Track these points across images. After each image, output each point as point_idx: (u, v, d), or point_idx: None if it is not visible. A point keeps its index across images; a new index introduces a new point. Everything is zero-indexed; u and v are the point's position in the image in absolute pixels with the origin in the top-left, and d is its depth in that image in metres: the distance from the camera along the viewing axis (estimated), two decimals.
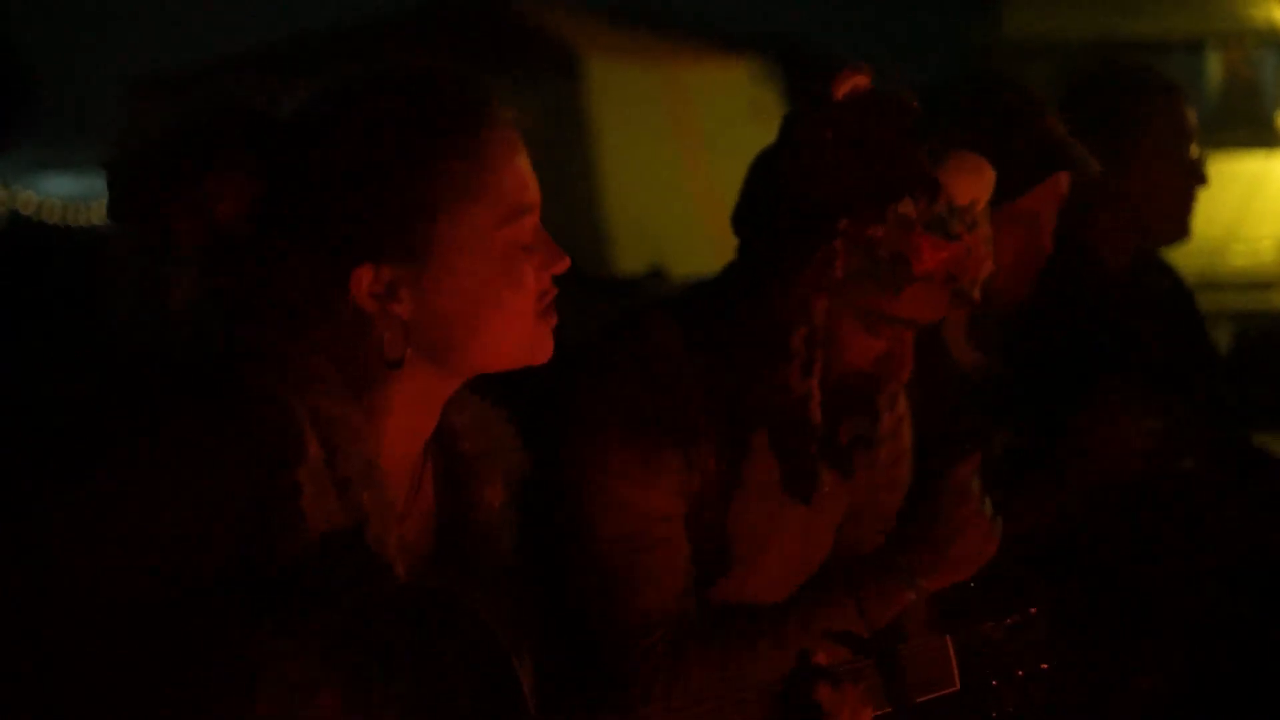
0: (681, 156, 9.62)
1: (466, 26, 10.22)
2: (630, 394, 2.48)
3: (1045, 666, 2.34)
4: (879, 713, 2.22)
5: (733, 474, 2.55)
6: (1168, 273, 4.11)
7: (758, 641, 2.47)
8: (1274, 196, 11.08)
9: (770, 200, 2.49)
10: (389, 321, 2.03)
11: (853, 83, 2.48)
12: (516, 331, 2.09)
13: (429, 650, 1.91)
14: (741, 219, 2.56)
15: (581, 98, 9.78)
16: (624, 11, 12.72)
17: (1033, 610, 2.36)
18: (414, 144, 2.03)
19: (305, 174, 2.03)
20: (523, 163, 2.09)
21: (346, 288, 2.02)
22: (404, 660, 1.89)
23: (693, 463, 2.50)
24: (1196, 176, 3.83)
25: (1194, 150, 3.83)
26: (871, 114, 2.46)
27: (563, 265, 2.10)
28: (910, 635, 2.36)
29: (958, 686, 2.28)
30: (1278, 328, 10.63)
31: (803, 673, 2.23)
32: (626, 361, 2.51)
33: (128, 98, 10.90)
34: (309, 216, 2.02)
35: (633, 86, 10.02)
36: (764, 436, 2.56)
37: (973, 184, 2.47)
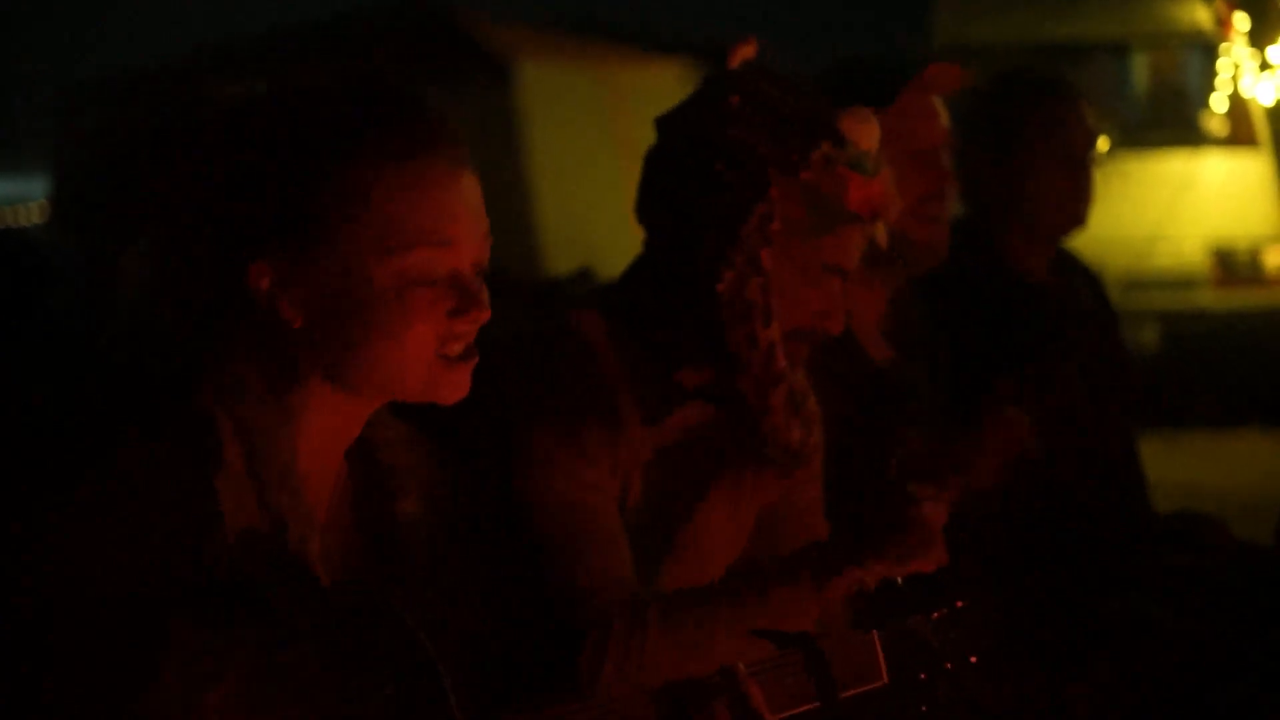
0: (614, 159, 9.66)
1: (399, 32, 10.23)
2: (559, 380, 2.57)
3: (974, 660, 2.38)
4: (805, 708, 2.24)
5: (662, 463, 2.64)
6: (1088, 278, 4.19)
7: (719, 611, 2.52)
8: (1200, 196, 11.15)
9: (690, 176, 2.59)
10: (285, 319, 2.05)
11: (743, 53, 2.66)
12: (411, 367, 2.06)
13: (347, 649, 1.93)
14: (652, 207, 2.67)
15: (513, 102, 9.79)
16: (556, 17, 12.76)
17: (959, 604, 2.40)
18: (322, 144, 2.03)
19: (216, 170, 2.05)
20: (451, 198, 2.06)
21: (246, 280, 2.04)
22: (319, 657, 1.91)
23: (620, 445, 2.58)
24: (1085, 174, 3.96)
25: (1085, 150, 3.94)
26: (767, 76, 2.63)
27: (480, 317, 2.07)
28: (836, 631, 2.39)
29: (885, 680, 2.31)
30: (1204, 327, 10.76)
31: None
32: (554, 353, 2.60)
33: (61, 102, 10.86)
34: (215, 213, 2.04)
35: (565, 91, 10.05)
36: (691, 422, 2.65)
37: (868, 131, 2.70)
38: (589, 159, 9.62)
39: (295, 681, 1.89)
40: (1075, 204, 3.96)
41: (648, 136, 2.70)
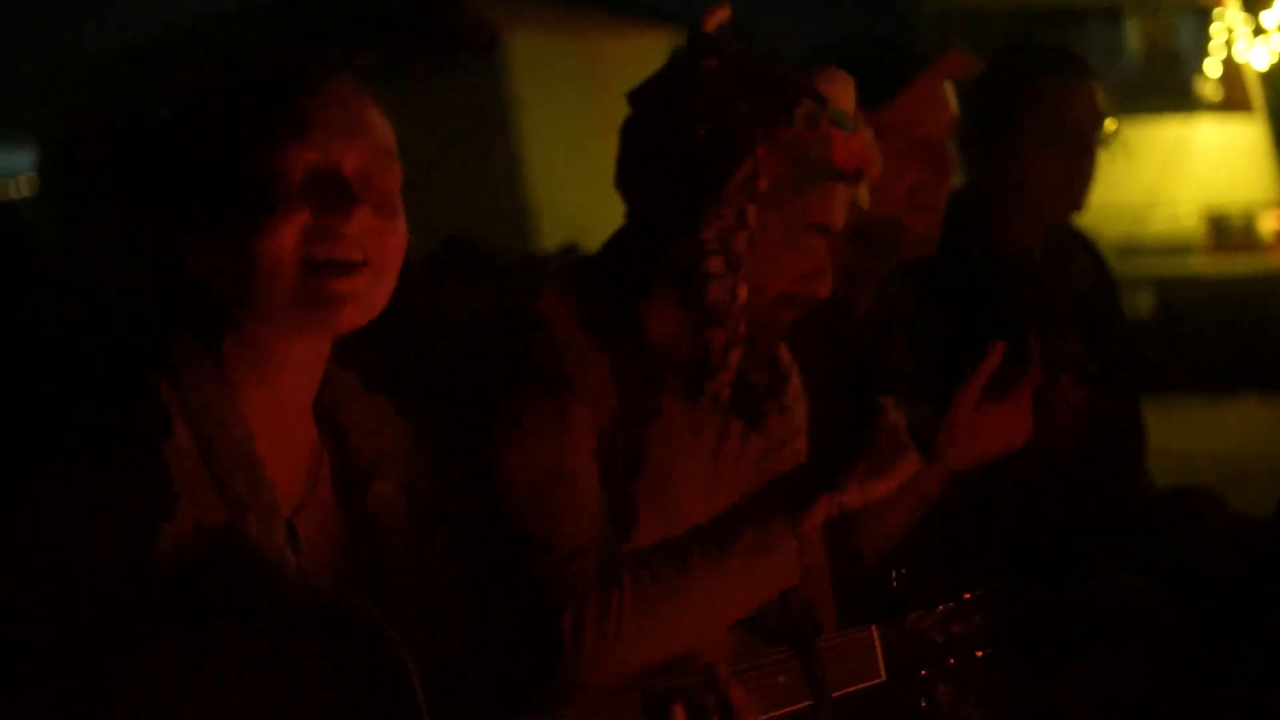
0: (605, 131, 9.56)
1: (387, 3, 10.16)
2: (532, 351, 2.54)
3: (980, 654, 2.36)
4: (798, 705, 2.20)
5: (636, 435, 2.60)
6: (1086, 247, 4.12)
7: (692, 559, 2.48)
8: (1194, 162, 11.12)
9: (670, 142, 2.56)
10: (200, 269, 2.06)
11: (718, 17, 2.62)
12: (278, 266, 2.04)
13: (308, 647, 1.89)
14: (632, 178, 2.64)
15: (502, 73, 9.72)
16: None
17: (966, 596, 2.37)
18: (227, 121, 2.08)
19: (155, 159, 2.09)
20: (309, 101, 2.08)
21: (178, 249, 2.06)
22: (289, 665, 1.87)
23: (592, 418, 2.55)
24: (1085, 158, 3.85)
25: (1090, 133, 3.85)
26: (742, 39, 2.60)
27: (345, 214, 2.05)
28: (833, 626, 2.35)
29: (883, 678, 2.28)
30: (1198, 292, 10.73)
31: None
32: (524, 325, 2.56)
33: (46, 77, 10.79)
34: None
35: (555, 61, 9.97)
36: (670, 395, 2.61)
37: (845, 91, 2.71)
38: (580, 130, 9.53)
39: (245, 680, 1.86)
40: (1074, 189, 3.86)
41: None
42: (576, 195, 9.11)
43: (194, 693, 1.83)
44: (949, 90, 3.27)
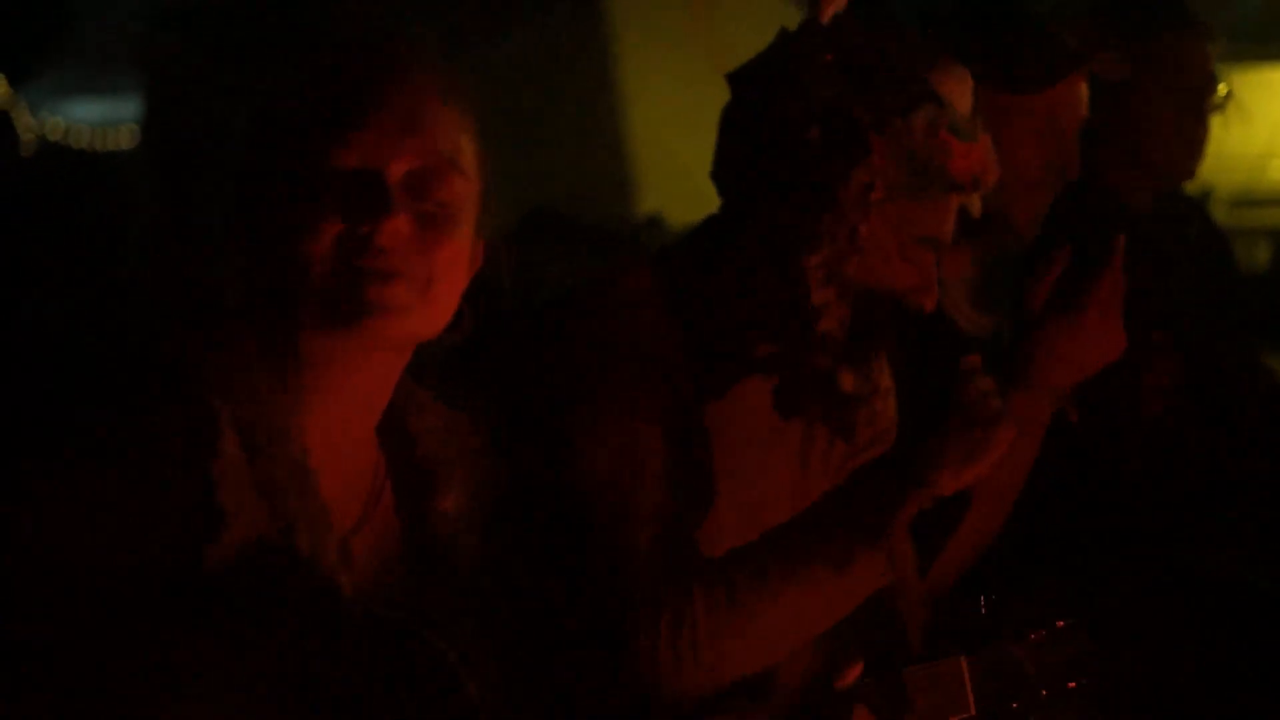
0: (713, 82, 9.46)
1: None
2: (613, 341, 2.43)
3: (1073, 685, 2.26)
4: None
5: (721, 434, 2.49)
6: (1198, 212, 4.02)
7: (769, 566, 2.37)
8: None
9: (777, 141, 2.43)
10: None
11: (835, 4, 2.45)
12: (314, 268, 1.95)
13: (368, 676, 1.85)
14: (732, 171, 2.50)
15: (604, 24, 9.62)
16: None
17: (1060, 624, 2.28)
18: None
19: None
20: (354, 91, 1.99)
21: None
22: (336, 686, 1.84)
23: (676, 414, 2.44)
24: (1201, 120, 3.74)
25: (1203, 92, 3.73)
26: (862, 31, 2.45)
27: (375, 224, 1.95)
28: (921, 656, 2.25)
29: (972, 712, 2.19)
30: None
31: (817, 697, 2.15)
32: (606, 312, 2.46)
33: (149, 21, 10.80)
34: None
35: (660, 11, 9.87)
36: (755, 390, 2.50)
37: (965, 92, 2.49)
38: (686, 82, 9.43)
39: (290, 698, 1.83)
40: (1189, 152, 3.76)
41: (746, 57, 2.53)
42: (682, 151, 9.02)
43: (239, 712, 1.80)
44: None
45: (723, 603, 2.34)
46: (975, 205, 2.53)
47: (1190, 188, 4.03)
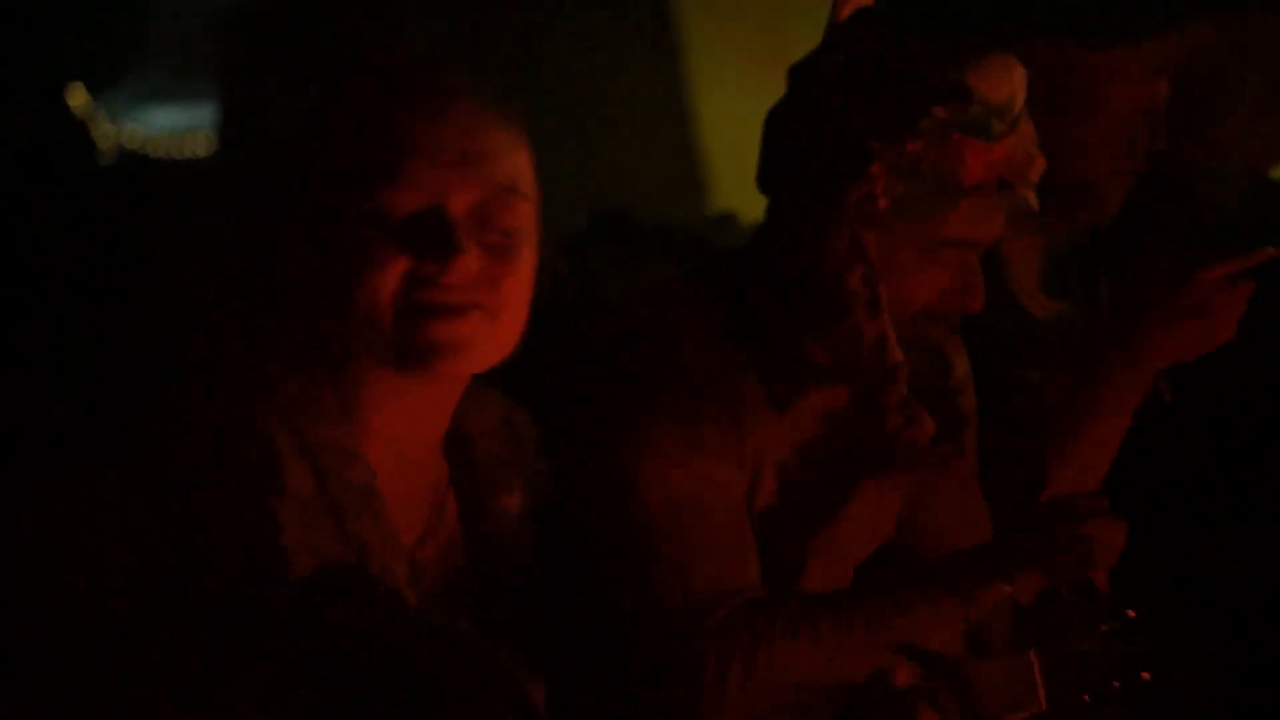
0: (779, 81, 9.41)
1: None
2: (672, 361, 2.34)
3: (1148, 677, 2.21)
4: None
5: (795, 453, 2.42)
6: None
7: (853, 624, 2.30)
8: None
9: (795, 146, 2.37)
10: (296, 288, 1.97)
11: (854, 3, 2.38)
12: (378, 310, 1.93)
13: (441, 697, 1.83)
14: (766, 177, 2.43)
15: (673, 16, 9.58)
16: None
17: (1130, 614, 2.23)
18: (317, 95, 1.99)
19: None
20: (410, 134, 1.95)
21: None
22: (408, 705, 1.82)
23: (745, 434, 2.36)
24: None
25: None
26: (878, 29, 2.36)
27: (452, 263, 1.93)
28: (992, 651, 2.20)
29: (1043, 707, 2.16)
30: None
31: (878, 695, 2.09)
32: (666, 330, 2.37)
33: (226, 27, 10.85)
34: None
35: (728, 7, 9.83)
36: (825, 407, 2.43)
37: (1004, 80, 2.35)
38: (756, 80, 9.41)
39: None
40: (1270, 139, 3.68)
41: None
42: (749, 153, 8.97)
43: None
44: None
45: (802, 647, 2.29)
46: (1029, 199, 2.42)
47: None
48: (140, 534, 1.82)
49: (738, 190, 8.59)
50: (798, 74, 2.41)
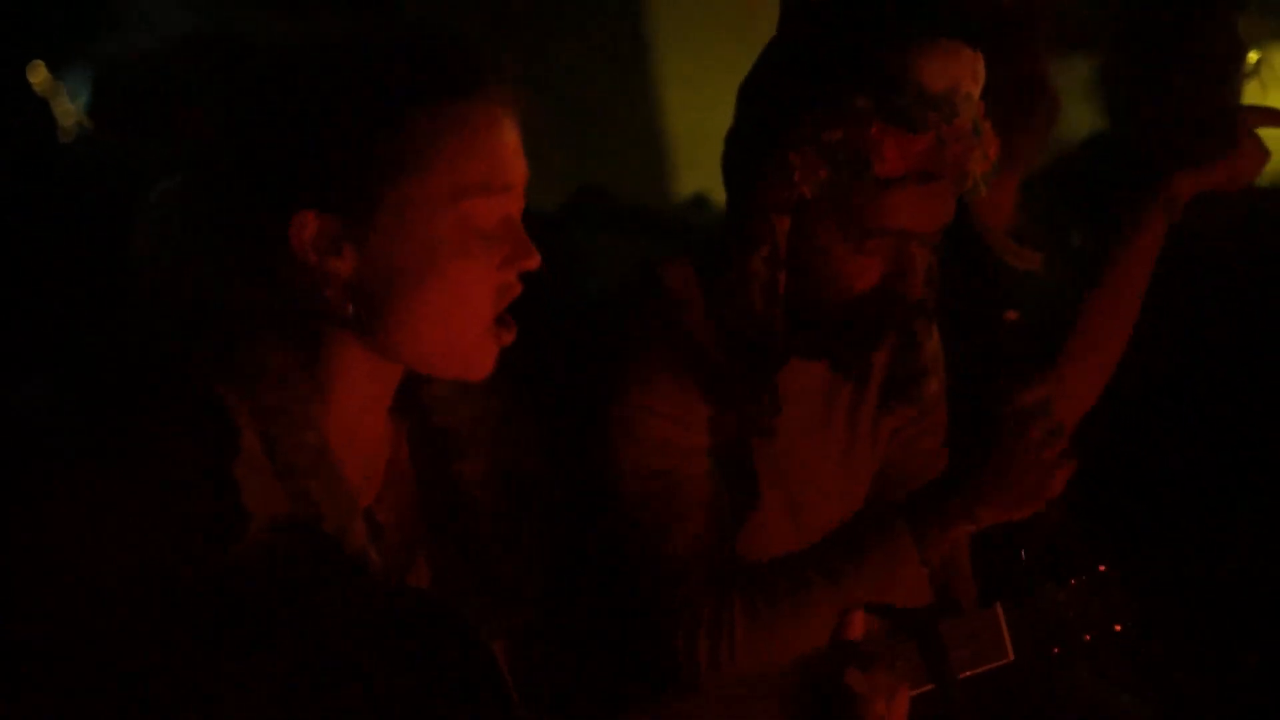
0: (749, 68, 9.42)
1: None
2: (653, 335, 2.35)
3: (1119, 628, 2.19)
4: (919, 690, 2.07)
5: (760, 416, 2.38)
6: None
7: (811, 580, 2.31)
8: None
9: (736, 127, 2.36)
10: (329, 279, 1.87)
11: None
12: (457, 328, 1.90)
13: (406, 658, 1.80)
14: (725, 155, 2.42)
15: (641, 7, 9.59)
16: None
17: (1101, 568, 2.21)
18: (386, 91, 1.87)
19: (265, 100, 1.88)
20: (507, 141, 1.91)
21: (287, 232, 1.86)
22: (380, 670, 1.77)
23: (722, 402, 2.36)
24: (1230, 87, 3.66)
25: (1230, 63, 3.65)
26: (819, 11, 2.30)
27: (531, 262, 1.91)
28: (959, 605, 2.19)
29: (1011, 658, 2.14)
30: None
31: (833, 654, 2.08)
32: (643, 310, 2.37)
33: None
34: (260, 146, 1.87)
35: None
36: (791, 376, 2.40)
37: (946, 68, 2.26)
38: (724, 68, 9.40)
39: (327, 682, 1.76)
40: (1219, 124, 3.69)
41: None
42: (718, 139, 8.97)
43: (276, 700, 1.75)
44: None
45: (762, 610, 2.30)
46: (975, 190, 2.33)
47: None
48: (139, 529, 1.79)
49: (703, 173, 8.61)
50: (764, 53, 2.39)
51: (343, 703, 1.76)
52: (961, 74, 2.26)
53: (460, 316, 1.90)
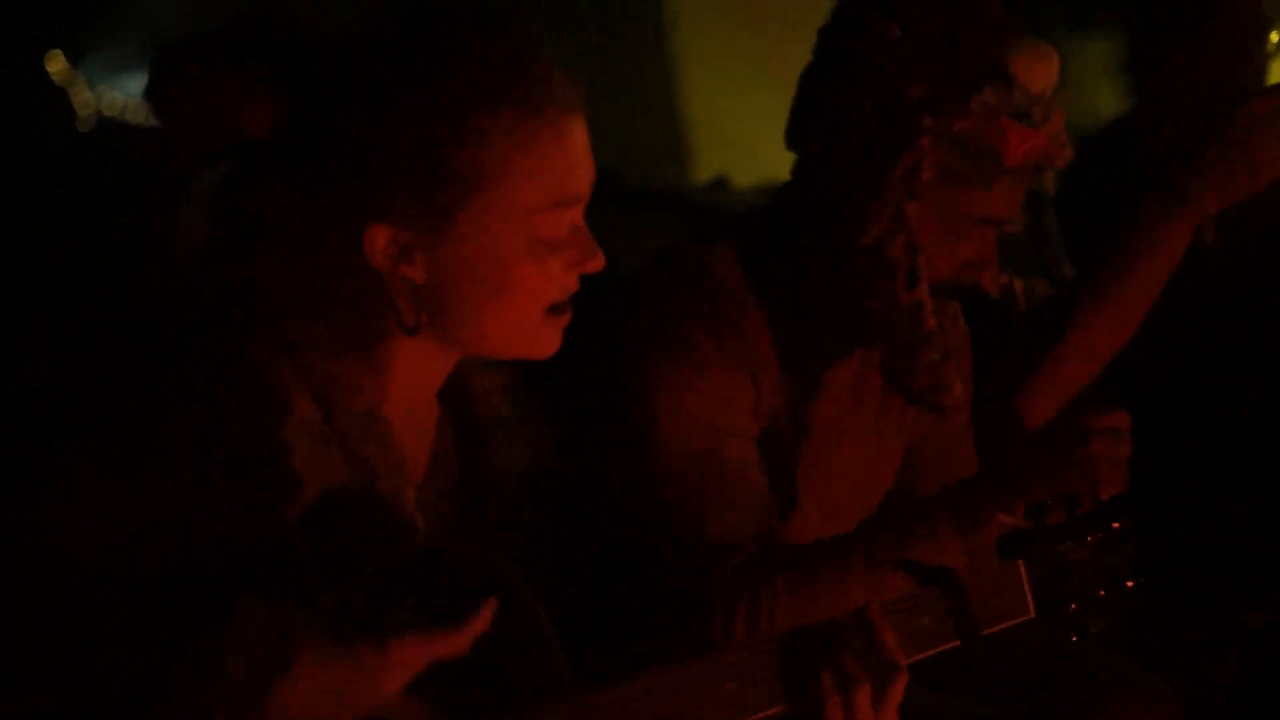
0: (765, 54, 9.33)
1: None
2: (693, 316, 2.40)
3: (1131, 584, 2.24)
4: (944, 648, 2.10)
5: (800, 408, 2.46)
6: None
7: (853, 567, 2.34)
8: None
9: (839, 110, 2.39)
10: (399, 285, 1.93)
11: None
12: (522, 324, 1.97)
13: (449, 610, 1.81)
14: (803, 134, 2.46)
15: None
16: None
17: (1115, 525, 2.25)
18: (464, 109, 1.90)
19: (341, 110, 1.90)
20: (578, 150, 1.96)
21: (360, 241, 1.91)
22: (416, 620, 1.79)
23: (760, 389, 2.42)
24: (1252, 64, 3.69)
25: (1249, 37, 3.68)
26: (936, 4, 2.38)
27: (596, 265, 1.98)
28: (981, 563, 2.23)
29: (1033, 615, 2.17)
30: None
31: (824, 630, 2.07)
32: (684, 290, 2.42)
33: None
34: (336, 156, 1.90)
35: None
36: (832, 371, 2.48)
37: (1044, 72, 2.40)
38: (739, 53, 9.33)
39: (382, 639, 1.76)
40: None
41: (805, 22, 2.49)
42: (734, 121, 8.92)
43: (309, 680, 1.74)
44: None
45: (802, 596, 2.34)
46: (1049, 184, 2.50)
47: None
48: (188, 489, 1.83)
49: (719, 157, 8.61)
50: (832, 35, 2.44)
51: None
52: (1052, 77, 2.40)
53: (526, 315, 1.96)
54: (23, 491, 1.81)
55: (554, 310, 1.98)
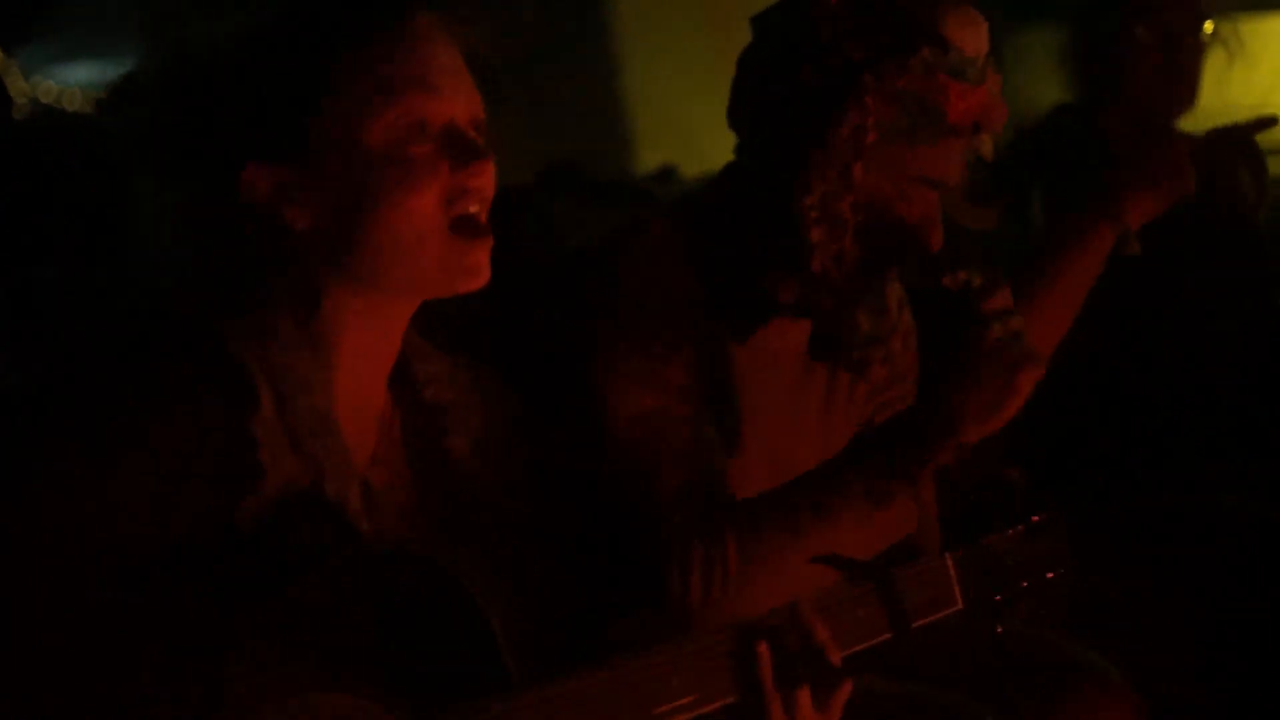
0: (711, 41, 9.34)
1: None
2: (638, 287, 2.45)
3: (1051, 575, 2.31)
4: (878, 640, 2.15)
5: (746, 377, 2.52)
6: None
7: (800, 513, 2.39)
8: None
9: (779, 80, 2.45)
10: (290, 227, 1.97)
11: None
12: (425, 243, 1.97)
13: (404, 615, 1.85)
14: (743, 113, 2.53)
15: None
16: None
17: (1035, 519, 2.32)
18: (296, 32, 1.97)
19: (202, 79, 1.98)
20: (431, 54, 1.99)
21: (238, 191, 1.96)
22: (379, 626, 1.83)
23: (702, 359, 2.47)
24: (1187, 59, 3.76)
25: (1188, 30, 3.74)
26: None
27: (483, 168, 1.99)
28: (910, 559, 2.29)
29: (960, 605, 2.23)
30: None
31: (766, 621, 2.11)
32: (629, 263, 2.47)
33: None
34: (203, 120, 1.97)
35: None
36: (777, 335, 2.53)
37: (975, 36, 2.46)
38: (682, 39, 9.35)
39: (330, 641, 1.82)
40: (1178, 88, 3.78)
41: (750, 11, 2.55)
42: (680, 111, 8.93)
43: (274, 650, 1.79)
44: None
45: (754, 543, 2.38)
46: (986, 147, 2.54)
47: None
48: (159, 477, 1.86)
49: (665, 146, 8.63)
50: (769, 13, 2.51)
51: (340, 663, 1.81)
52: (983, 40, 2.47)
53: (427, 231, 1.97)
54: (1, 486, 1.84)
55: (461, 228, 1.99)
